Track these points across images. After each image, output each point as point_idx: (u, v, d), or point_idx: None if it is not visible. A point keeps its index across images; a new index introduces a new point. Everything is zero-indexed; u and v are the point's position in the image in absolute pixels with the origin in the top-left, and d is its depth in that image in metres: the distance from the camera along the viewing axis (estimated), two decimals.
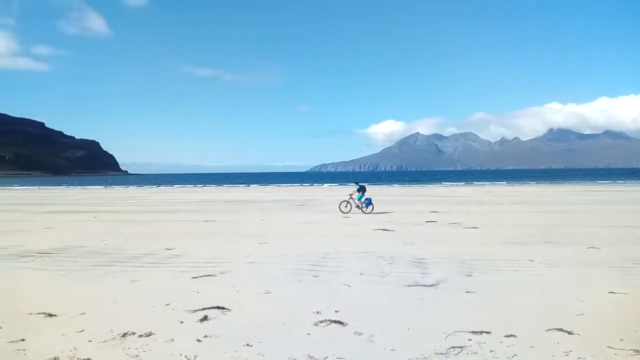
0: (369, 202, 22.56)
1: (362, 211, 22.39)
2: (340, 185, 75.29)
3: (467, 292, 7.54)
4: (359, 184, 23.76)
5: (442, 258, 10.43)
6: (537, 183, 68.34)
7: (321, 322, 6.04)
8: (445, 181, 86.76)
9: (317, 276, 8.79)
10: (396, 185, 73.40)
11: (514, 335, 5.47)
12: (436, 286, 7.94)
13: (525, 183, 69.22)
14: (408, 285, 7.97)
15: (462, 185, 67.94)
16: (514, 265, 9.61)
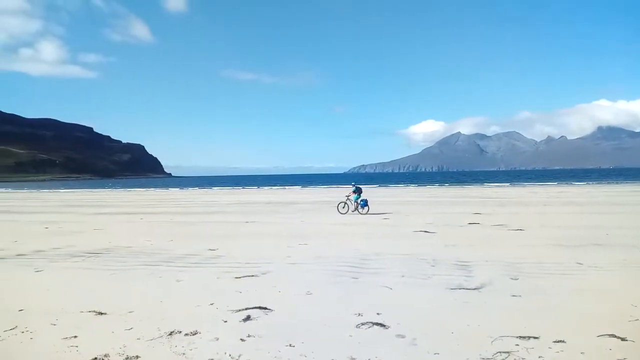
0: (364, 203, 23.35)
1: (358, 212, 23.22)
2: (379, 186, 74.78)
3: (513, 295, 7.33)
4: (355, 185, 24.45)
5: (486, 261, 10.18)
6: (585, 183, 65.66)
7: (363, 324, 6.02)
8: (488, 182, 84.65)
9: (357, 278, 8.76)
10: (436, 186, 72.24)
11: (564, 341, 5.28)
12: (480, 289, 7.76)
13: (572, 183, 66.66)
14: (451, 289, 7.82)
15: (506, 185, 66.10)
16: (562, 269, 9.27)
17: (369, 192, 53.79)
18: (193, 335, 5.70)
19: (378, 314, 6.41)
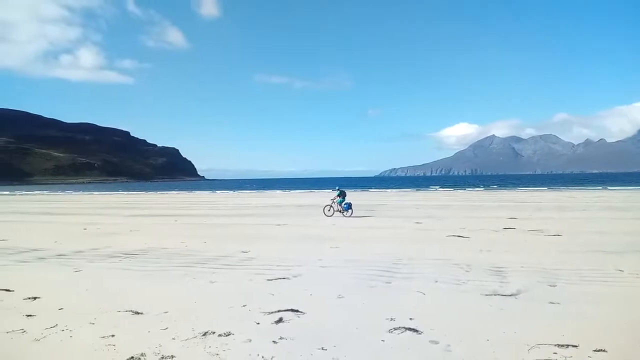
0: (347, 206, 24.32)
1: (343, 214, 24.22)
2: (409, 190, 74.05)
3: (551, 302, 7.11)
4: (340, 189, 25.42)
5: (522, 267, 9.93)
6: (625, 188, 63.26)
7: (395, 329, 5.95)
8: (524, 185, 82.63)
9: (389, 282, 8.68)
10: (470, 189, 70.98)
11: (604, 350, 5.09)
12: (517, 296, 7.57)
13: (611, 188, 64.30)
14: (486, 295, 7.66)
15: (543, 189, 64.31)
16: (602, 276, 8.95)
17: (399, 195, 53.47)
18: (226, 336, 5.76)
19: (411, 319, 6.34)
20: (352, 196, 53.33)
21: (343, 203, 24.42)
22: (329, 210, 24.95)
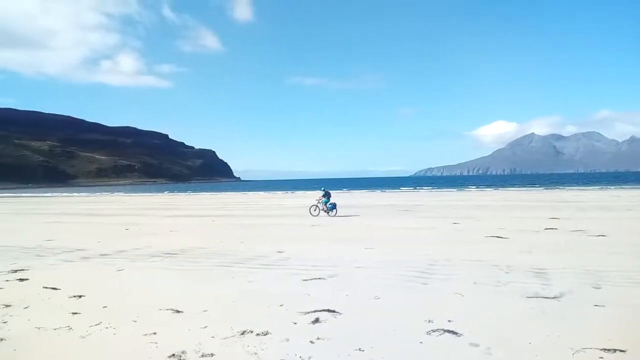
0: (332, 206, 25.37)
1: (327, 214, 25.29)
2: (446, 190, 72.92)
3: (596, 305, 6.86)
4: (325, 190, 26.54)
5: (564, 268, 9.61)
6: None
7: (434, 330, 5.88)
8: (566, 185, 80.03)
9: (426, 283, 8.57)
10: (508, 189, 69.29)
11: None
12: (559, 298, 7.34)
13: None
14: (527, 297, 7.45)
15: (585, 189, 62.10)
16: None
17: (435, 195, 52.70)
18: (264, 335, 5.83)
19: (449, 321, 6.24)
20: (386, 196, 52.95)
21: (328, 203, 25.50)
22: (314, 210, 26.04)
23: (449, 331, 5.84)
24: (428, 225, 19.43)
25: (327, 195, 25.84)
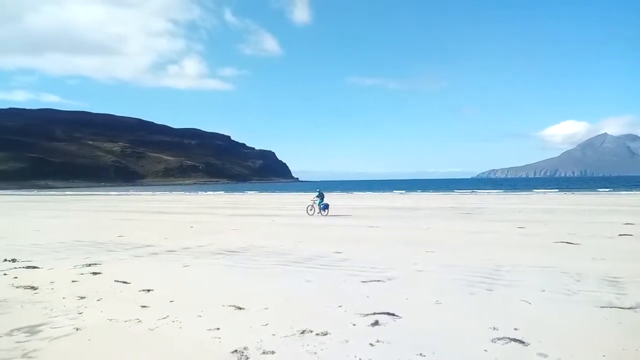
0: (325, 206, 27.11)
1: (321, 214, 27.04)
2: (511, 192, 70.14)
3: None
4: (319, 191, 28.54)
5: None
6: None
7: (499, 339, 5.64)
8: None
9: (491, 290, 8.25)
10: (579, 192, 65.60)
11: None
12: (636, 309, 6.84)
13: None
14: (600, 307, 7.00)
15: None
16: None
17: (499, 198, 50.78)
18: (324, 335, 5.83)
19: (515, 329, 5.97)
20: (446, 198, 51.76)
21: (321, 204, 27.27)
22: (310, 209, 28.01)
23: (515, 340, 5.58)
24: (491, 229, 18.75)
25: (320, 196, 27.65)
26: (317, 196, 27.73)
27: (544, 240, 14.85)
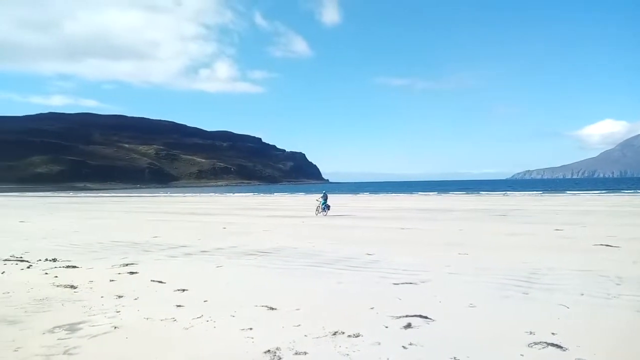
0: (326, 207, 29.47)
1: (322, 214, 29.26)
2: (547, 193, 68.29)
3: None
4: (324, 193, 31.59)
5: None
6: None
7: (535, 343, 5.51)
8: None
9: (527, 293, 8.06)
10: (619, 193, 63.32)
11: None
12: None
13: None
14: None
15: None
16: None
17: (535, 199, 49.57)
18: (355, 337, 5.82)
19: (553, 333, 5.82)
20: (480, 199, 50.88)
21: (323, 204, 29.51)
22: (316, 209, 30.20)
23: (552, 344, 5.44)
24: (527, 231, 18.32)
25: (324, 197, 29.99)
26: (322, 197, 30.21)
27: (582, 243, 14.41)
